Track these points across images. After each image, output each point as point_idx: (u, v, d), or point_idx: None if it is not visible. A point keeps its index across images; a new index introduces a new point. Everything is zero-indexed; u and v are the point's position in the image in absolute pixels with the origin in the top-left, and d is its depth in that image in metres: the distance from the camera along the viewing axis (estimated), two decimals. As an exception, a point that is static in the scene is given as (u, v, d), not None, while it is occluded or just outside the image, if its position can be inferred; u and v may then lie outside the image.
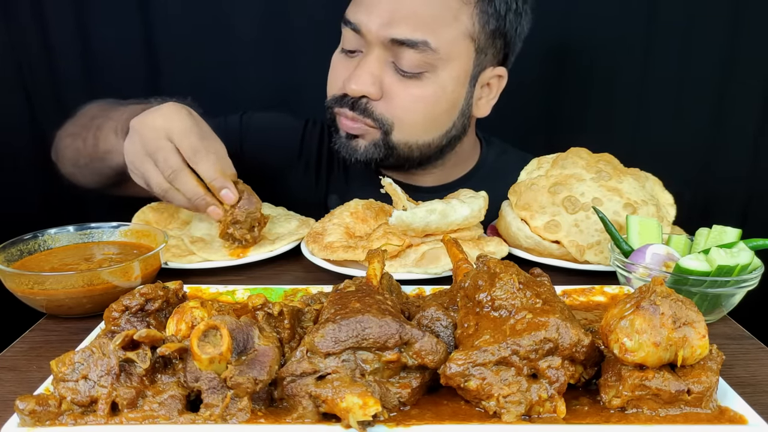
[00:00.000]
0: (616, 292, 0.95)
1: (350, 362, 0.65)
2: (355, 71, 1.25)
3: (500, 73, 1.35)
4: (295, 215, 1.31)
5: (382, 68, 1.25)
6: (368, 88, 1.24)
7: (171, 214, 1.26)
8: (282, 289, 0.95)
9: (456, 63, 1.26)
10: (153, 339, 0.66)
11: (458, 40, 1.24)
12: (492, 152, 1.53)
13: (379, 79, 1.25)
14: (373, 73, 1.24)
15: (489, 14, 1.26)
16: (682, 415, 0.64)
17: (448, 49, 1.23)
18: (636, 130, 1.88)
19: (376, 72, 1.24)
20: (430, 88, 1.26)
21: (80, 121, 1.33)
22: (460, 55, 1.26)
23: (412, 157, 1.35)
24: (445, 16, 1.22)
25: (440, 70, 1.25)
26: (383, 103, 1.27)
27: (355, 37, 1.26)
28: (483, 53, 1.29)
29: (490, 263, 0.76)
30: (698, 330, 0.63)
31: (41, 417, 0.63)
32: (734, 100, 1.82)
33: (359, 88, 1.24)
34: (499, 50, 1.33)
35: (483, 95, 1.37)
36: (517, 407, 0.64)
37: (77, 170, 1.33)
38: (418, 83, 1.25)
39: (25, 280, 0.90)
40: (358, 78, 1.24)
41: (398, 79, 1.25)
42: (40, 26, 1.75)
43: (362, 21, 1.23)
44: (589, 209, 1.12)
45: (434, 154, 1.38)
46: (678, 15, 1.76)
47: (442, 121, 1.32)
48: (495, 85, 1.37)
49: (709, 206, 1.89)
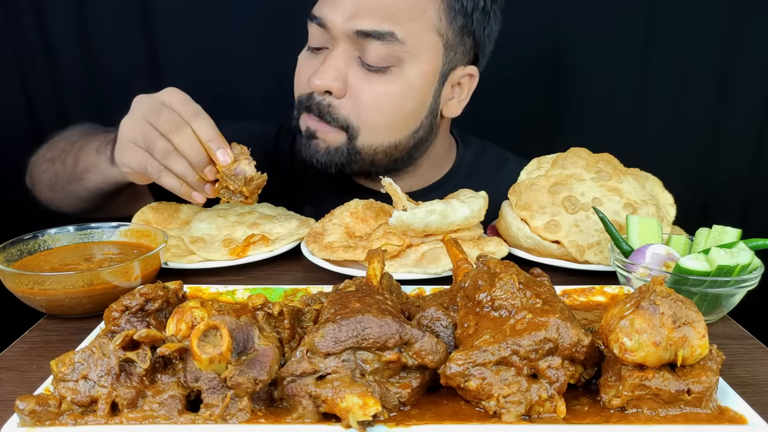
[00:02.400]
0: (616, 292, 0.95)
1: (350, 362, 0.65)
2: (320, 67, 1.22)
3: (471, 72, 1.33)
4: (295, 215, 1.31)
5: (347, 63, 1.22)
6: (332, 83, 1.21)
7: (171, 214, 1.26)
8: (282, 289, 0.95)
9: (424, 58, 1.24)
10: (153, 339, 0.66)
11: (425, 34, 1.23)
12: (470, 151, 1.50)
13: (344, 74, 1.22)
14: (338, 68, 1.21)
15: (456, 10, 1.25)
16: (682, 415, 0.64)
17: (415, 43, 1.21)
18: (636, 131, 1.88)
19: (341, 67, 1.22)
20: (396, 84, 1.23)
21: (58, 146, 1.32)
22: (428, 50, 1.24)
23: (377, 162, 1.32)
24: (411, 9, 1.21)
25: (407, 65, 1.22)
26: (347, 101, 1.24)
27: (321, 32, 1.24)
28: (452, 50, 1.27)
29: (490, 263, 0.76)
30: (698, 330, 0.63)
31: (41, 417, 0.63)
32: (734, 100, 1.82)
33: (323, 83, 1.21)
34: (468, 49, 1.31)
35: (454, 95, 1.35)
36: (517, 407, 0.64)
37: (54, 194, 1.32)
38: (384, 78, 1.22)
39: (25, 280, 0.90)
40: (322, 73, 1.21)
41: (364, 75, 1.22)
42: (41, 26, 1.75)
43: (327, 15, 1.21)
44: (589, 209, 1.12)
45: (402, 159, 1.35)
46: (677, 17, 1.76)
47: (409, 121, 1.29)
48: (466, 85, 1.35)
49: (709, 206, 1.89)
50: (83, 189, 1.25)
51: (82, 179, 1.23)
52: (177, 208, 1.28)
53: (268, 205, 1.33)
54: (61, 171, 1.27)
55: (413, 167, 1.40)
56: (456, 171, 1.47)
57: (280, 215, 1.29)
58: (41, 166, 1.33)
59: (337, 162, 1.29)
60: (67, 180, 1.27)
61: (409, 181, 1.42)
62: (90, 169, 1.21)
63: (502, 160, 1.50)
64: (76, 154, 1.25)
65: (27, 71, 1.79)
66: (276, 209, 1.33)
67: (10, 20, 1.74)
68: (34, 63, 1.78)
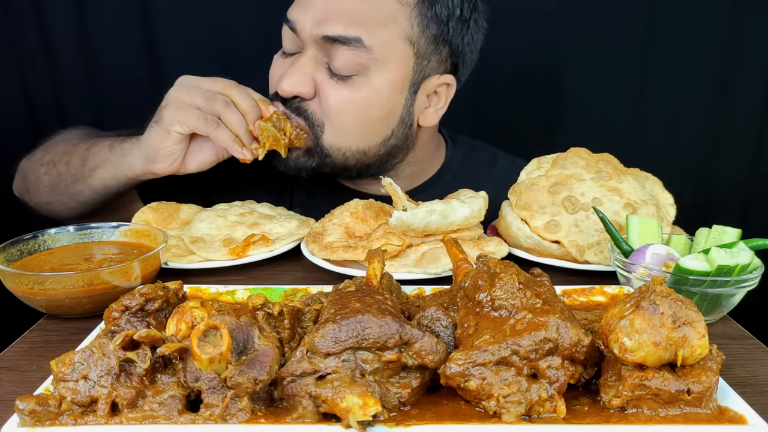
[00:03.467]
0: (616, 292, 0.95)
1: (350, 362, 0.65)
2: (288, 70, 1.23)
3: (447, 81, 1.31)
4: (295, 215, 1.31)
5: (315, 68, 1.22)
6: (299, 88, 1.22)
7: (170, 214, 1.26)
8: (282, 289, 0.95)
9: (392, 66, 1.22)
10: (153, 339, 0.66)
11: (395, 43, 1.21)
12: (459, 151, 1.49)
13: (312, 78, 1.22)
14: (306, 73, 1.22)
15: (429, 18, 1.22)
16: (682, 415, 0.64)
17: (383, 51, 1.20)
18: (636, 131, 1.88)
19: (309, 71, 1.22)
20: (363, 91, 1.22)
21: (57, 149, 1.33)
22: (398, 59, 1.22)
23: (348, 166, 1.30)
24: (381, 16, 1.19)
25: (373, 73, 1.21)
26: (316, 102, 1.24)
27: (292, 36, 1.24)
28: (425, 59, 1.25)
29: (490, 263, 0.76)
30: (698, 330, 0.63)
31: (41, 417, 0.63)
32: (734, 100, 1.82)
33: (290, 89, 1.22)
34: (444, 58, 1.29)
35: (431, 104, 1.33)
36: (517, 407, 0.64)
37: (56, 197, 1.33)
38: (351, 85, 1.22)
39: (25, 280, 0.90)
40: (289, 77, 1.22)
41: (331, 80, 1.22)
42: (41, 25, 1.75)
43: (298, 19, 1.21)
44: (589, 209, 1.12)
45: (375, 164, 1.33)
46: (678, 17, 1.76)
47: (377, 128, 1.28)
48: (443, 94, 1.33)
49: (709, 206, 1.90)
50: (87, 188, 1.26)
51: (89, 177, 1.24)
52: (177, 208, 1.28)
53: (268, 205, 1.33)
54: (65, 172, 1.28)
55: (394, 171, 1.40)
56: (444, 171, 1.46)
57: (280, 215, 1.29)
58: (39, 170, 1.33)
59: (308, 166, 1.29)
60: (71, 180, 1.27)
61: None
62: (101, 165, 1.22)
63: (491, 158, 1.50)
64: (83, 154, 1.26)
65: (27, 70, 1.79)
66: (276, 209, 1.33)
67: (9, 19, 1.74)
68: (34, 62, 1.78)
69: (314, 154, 1.28)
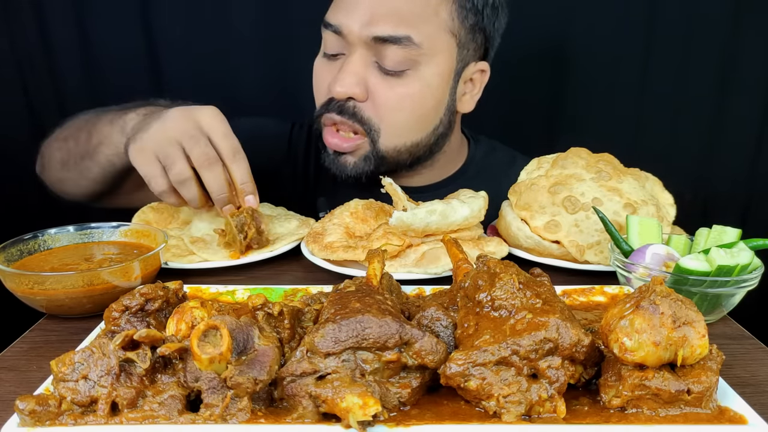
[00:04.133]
0: (616, 292, 0.95)
1: (350, 362, 0.65)
2: (339, 74, 1.24)
3: (483, 67, 1.36)
4: (295, 215, 1.31)
5: (366, 68, 1.24)
6: (353, 89, 1.24)
7: (171, 214, 1.26)
8: (282, 289, 0.95)
9: (439, 58, 1.26)
10: (153, 339, 0.66)
11: (439, 36, 1.25)
12: (480, 150, 1.53)
13: (363, 79, 1.24)
14: (357, 74, 1.24)
15: (467, 9, 1.27)
16: (682, 415, 0.64)
17: (430, 45, 1.24)
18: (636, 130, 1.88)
19: (361, 72, 1.24)
20: (415, 86, 1.26)
21: (72, 125, 1.32)
22: (443, 51, 1.27)
23: (401, 161, 1.35)
24: (425, 12, 1.23)
25: (424, 67, 1.25)
26: (369, 104, 1.26)
27: (337, 39, 1.26)
28: (465, 48, 1.30)
29: (490, 263, 0.76)
30: (698, 330, 0.63)
31: (41, 417, 0.63)
32: (734, 100, 1.82)
33: (344, 90, 1.24)
34: (479, 45, 1.33)
35: (467, 90, 1.37)
36: (517, 407, 0.64)
37: (66, 173, 1.31)
38: (402, 81, 1.25)
39: (25, 280, 0.90)
40: (342, 80, 1.23)
41: (382, 79, 1.25)
42: (41, 26, 1.75)
43: (343, 22, 1.23)
44: (589, 209, 1.12)
45: (424, 155, 1.38)
46: (678, 17, 1.75)
47: (429, 119, 1.32)
48: (478, 80, 1.38)
49: (709, 206, 1.89)
50: (95, 164, 1.23)
51: (95, 153, 1.22)
52: (178, 208, 1.28)
53: (269, 205, 1.33)
54: (74, 148, 1.26)
55: (430, 161, 1.43)
56: (468, 167, 1.50)
57: (280, 215, 1.29)
58: (53, 145, 1.32)
59: (366, 171, 1.32)
60: (79, 156, 1.25)
61: (426, 176, 1.45)
62: (103, 141, 1.20)
63: (511, 159, 1.53)
64: (89, 129, 1.24)
65: (26, 71, 1.79)
66: (276, 209, 1.33)
67: (9, 19, 1.74)
68: (34, 63, 1.78)
69: (370, 158, 1.31)
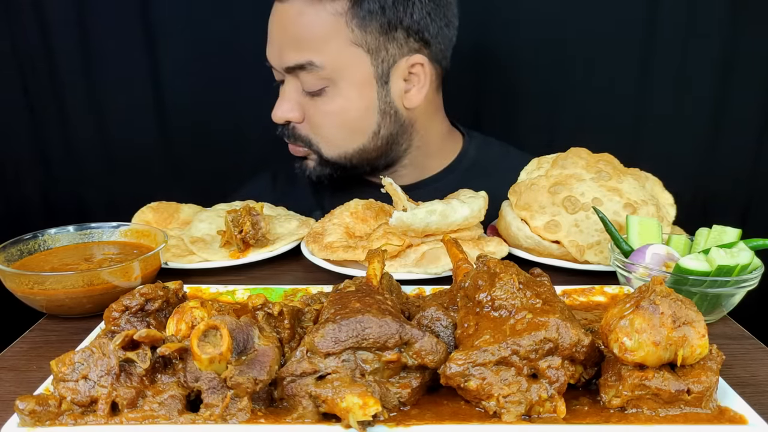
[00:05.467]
0: (616, 292, 0.95)
1: (350, 362, 0.65)
2: (278, 101, 1.35)
3: (418, 60, 1.33)
4: (295, 215, 1.31)
5: (297, 93, 1.33)
6: (288, 115, 1.34)
7: (170, 214, 1.26)
8: (282, 289, 0.95)
9: (351, 71, 1.29)
10: (153, 339, 0.66)
11: (345, 50, 1.27)
12: (473, 145, 1.52)
13: (298, 103, 1.33)
14: (291, 100, 1.33)
15: (362, 17, 1.26)
16: (682, 415, 0.64)
17: (336, 62, 1.27)
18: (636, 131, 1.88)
19: (295, 98, 1.33)
20: (336, 102, 1.31)
21: None
22: (352, 64, 1.29)
23: (356, 165, 1.39)
24: (322, 33, 1.26)
25: (339, 82, 1.30)
26: (306, 125, 1.35)
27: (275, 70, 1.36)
28: (380, 51, 1.29)
29: (490, 263, 0.76)
30: (698, 329, 0.63)
31: (41, 417, 0.63)
32: (734, 100, 1.82)
33: (282, 116, 1.34)
34: (403, 41, 1.30)
35: (412, 86, 1.35)
36: (517, 407, 0.64)
37: None
38: (324, 100, 1.31)
39: (25, 280, 0.90)
40: (279, 107, 1.34)
41: (311, 100, 1.32)
42: (41, 27, 1.75)
43: (269, 55, 1.34)
44: (589, 209, 1.12)
45: (381, 157, 1.39)
46: (678, 16, 1.75)
47: (361, 126, 1.35)
48: (421, 73, 1.35)
49: (709, 206, 1.89)
50: None
51: None
52: (177, 208, 1.28)
53: (268, 205, 1.33)
54: None
55: (408, 158, 1.43)
56: (459, 162, 1.49)
57: (280, 215, 1.29)
58: None
59: (325, 174, 1.40)
60: None
61: (412, 173, 1.45)
62: None
63: (504, 152, 1.53)
64: None
65: (27, 72, 1.79)
66: (275, 209, 1.33)
67: (10, 21, 1.74)
68: (34, 64, 1.78)
69: (323, 163, 1.39)
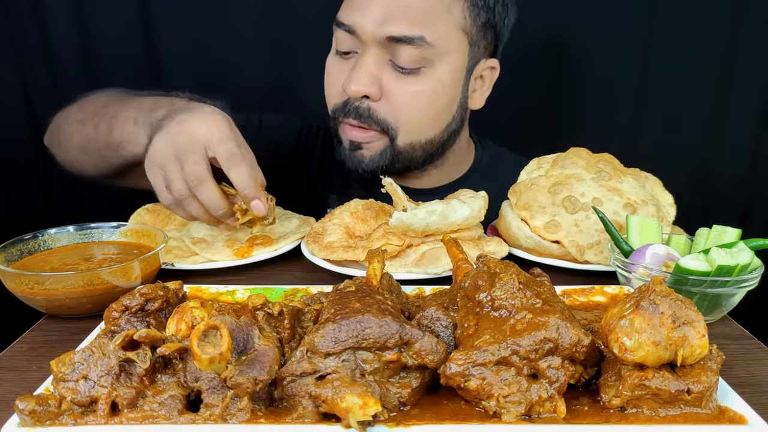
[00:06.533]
0: (616, 292, 0.95)
1: (350, 362, 0.65)
2: (353, 73, 1.24)
3: (493, 64, 1.37)
4: (295, 214, 1.31)
5: (379, 67, 1.25)
6: (368, 88, 1.24)
7: (167, 215, 1.25)
8: (282, 289, 0.95)
9: (452, 56, 1.27)
10: (153, 339, 0.66)
11: (452, 34, 1.26)
12: (487, 154, 1.54)
13: (377, 78, 1.25)
14: (371, 73, 1.24)
15: (479, 7, 1.28)
16: (681, 415, 0.64)
17: (443, 43, 1.24)
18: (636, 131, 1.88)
19: (374, 71, 1.24)
20: (428, 84, 1.26)
21: (89, 108, 1.29)
22: (455, 49, 1.27)
23: (415, 158, 1.36)
24: (438, 11, 1.23)
25: (437, 65, 1.26)
26: (384, 103, 1.27)
27: (350, 38, 1.26)
28: (476, 46, 1.31)
29: (490, 263, 0.76)
30: (698, 329, 0.63)
31: (41, 417, 0.63)
32: (734, 100, 1.82)
33: (359, 89, 1.24)
34: (490, 42, 1.34)
35: (477, 87, 1.38)
36: (517, 407, 0.64)
37: (84, 157, 1.29)
38: (416, 79, 1.26)
39: (25, 280, 0.90)
40: (357, 79, 1.24)
41: (396, 77, 1.25)
42: (40, 24, 1.75)
43: (357, 22, 1.23)
44: (589, 209, 1.12)
45: (437, 152, 1.39)
46: (678, 15, 1.75)
47: (443, 116, 1.33)
48: (488, 77, 1.39)
49: (709, 206, 1.89)
50: (118, 157, 1.22)
51: (118, 148, 1.20)
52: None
53: (267, 205, 1.33)
54: (94, 135, 1.24)
55: (441, 161, 1.44)
56: (474, 171, 1.51)
57: (279, 215, 1.29)
58: (71, 126, 1.30)
59: (381, 165, 1.33)
60: (102, 145, 1.23)
61: (435, 177, 1.46)
62: (128, 139, 1.18)
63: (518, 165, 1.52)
64: (109, 121, 1.21)
65: (26, 71, 1.79)
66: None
67: (9, 19, 1.74)
68: (34, 62, 1.78)
69: (387, 154, 1.31)
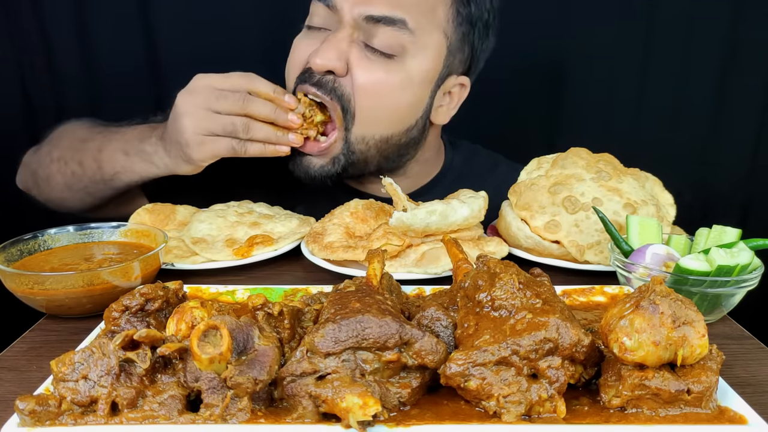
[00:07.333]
0: (616, 292, 0.95)
1: (350, 362, 0.65)
2: (322, 45, 1.20)
3: (463, 82, 1.34)
4: (294, 214, 1.31)
5: (350, 46, 1.20)
6: (334, 63, 1.18)
7: (167, 216, 1.25)
8: (282, 289, 0.95)
9: (428, 53, 1.24)
10: (153, 339, 0.66)
11: (433, 31, 1.24)
12: (459, 155, 1.50)
13: (345, 55, 1.20)
14: (341, 49, 1.19)
15: (463, 16, 1.26)
16: (681, 415, 0.64)
17: (422, 36, 1.21)
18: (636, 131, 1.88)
19: (345, 48, 1.20)
20: (397, 74, 1.22)
21: (63, 144, 1.31)
22: (433, 47, 1.24)
23: (369, 159, 1.29)
24: (423, 4, 1.22)
25: (410, 58, 1.22)
26: (349, 80, 1.21)
27: (327, 12, 1.22)
28: (452, 55, 1.28)
29: (490, 263, 0.76)
30: (698, 329, 0.63)
31: (41, 417, 0.63)
32: (734, 100, 1.82)
33: (324, 63, 1.18)
34: (466, 58, 1.32)
35: (444, 103, 1.35)
36: (517, 407, 0.64)
37: (70, 194, 1.32)
38: (386, 66, 1.21)
39: (25, 280, 0.90)
40: (325, 52, 1.19)
41: (365, 58, 1.20)
42: (40, 25, 1.75)
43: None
44: (589, 209, 1.12)
45: (392, 157, 1.33)
46: (677, 16, 1.76)
47: (404, 115, 1.28)
48: (456, 94, 1.35)
49: (709, 206, 1.89)
50: (109, 189, 1.27)
51: (111, 180, 1.25)
52: (173, 209, 1.27)
53: (265, 205, 1.33)
54: (79, 172, 1.27)
55: (402, 170, 1.41)
56: (444, 175, 1.47)
57: (279, 214, 1.29)
58: (50, 167, 1.32)
59: (332, 174, 1.28)
60: (89, 181, 1.27)
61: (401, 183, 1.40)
62: (121, 171, 1.23)
63: (493, 164, 1.51)
64: (96, 156, 1.24)
65: (26, 70, 1.79)
66: (273, 208, 1.33)
67: (9, 18, 1.74)
68: (34, 62, 1.78)
69: (339, 159, 1.27)
